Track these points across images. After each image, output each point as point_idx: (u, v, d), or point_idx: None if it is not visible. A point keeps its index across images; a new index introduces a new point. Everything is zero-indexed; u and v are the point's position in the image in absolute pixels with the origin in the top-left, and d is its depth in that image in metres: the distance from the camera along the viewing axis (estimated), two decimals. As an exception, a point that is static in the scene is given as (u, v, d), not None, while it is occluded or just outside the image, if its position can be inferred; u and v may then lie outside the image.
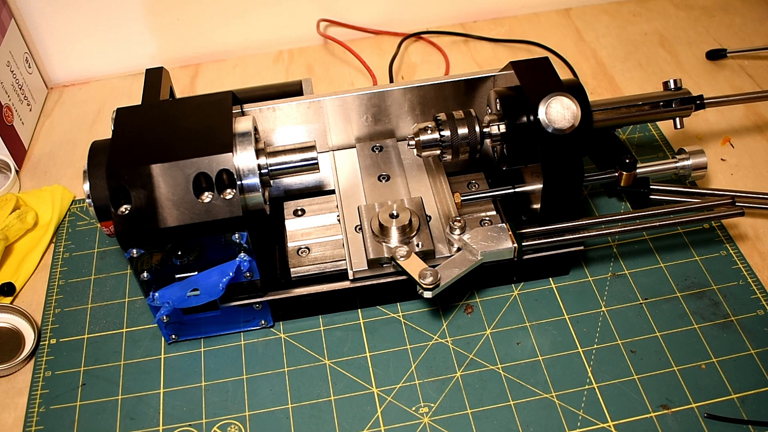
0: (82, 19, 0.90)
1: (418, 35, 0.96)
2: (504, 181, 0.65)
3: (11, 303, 0.67)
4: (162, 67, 0.67)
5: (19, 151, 0.83)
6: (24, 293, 0.69)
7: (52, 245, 0.73)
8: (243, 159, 0.56)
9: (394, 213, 0.61)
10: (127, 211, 0.53)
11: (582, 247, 0.63)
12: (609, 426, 0.55)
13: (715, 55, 0.88)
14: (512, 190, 0.64)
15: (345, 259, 0.62)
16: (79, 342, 0.64)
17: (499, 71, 0.65)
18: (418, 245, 0.60)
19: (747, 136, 0.79)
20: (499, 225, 0.61)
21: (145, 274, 0.56)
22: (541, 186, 0.58)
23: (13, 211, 0.73)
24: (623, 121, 0.67)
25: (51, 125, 0.89)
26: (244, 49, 0.97)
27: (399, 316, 0.64)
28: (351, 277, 0.60)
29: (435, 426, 0.56)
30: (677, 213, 0.62)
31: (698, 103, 0.67)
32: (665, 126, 0.79)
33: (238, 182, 0.55)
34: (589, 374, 0.59)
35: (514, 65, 0.60)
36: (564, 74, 0.78)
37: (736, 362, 0.59)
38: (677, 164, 0.67)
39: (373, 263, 0.60)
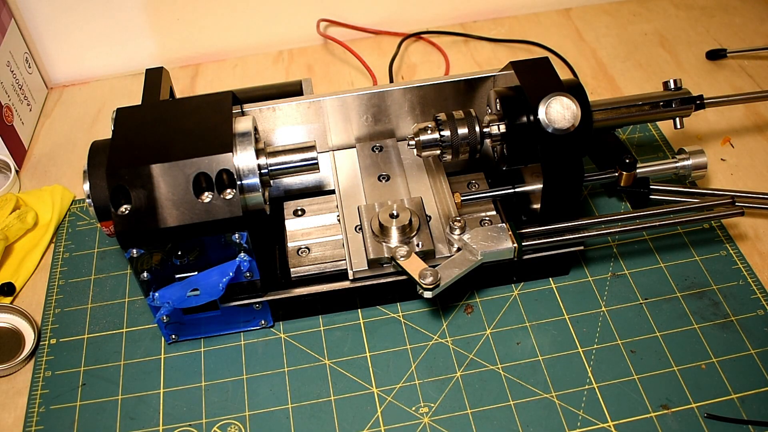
0: (82, 19, 0.90)
1: (418, 35, 0.96)
2: (504, 181, 0.65)
3: (11, 303, 0.67)
4: (162, 67, 0.67)
5: (19, 151, 0.83)
6: (24, 293, 0.69)
7: (52, 245, 0.73)
8: (243, 159, 0.56)
9: (394, 213, 0.61)
10: (127, 211, 0.53)
11: (582, 247, 0.63)
12: (609, 426, 0.55)
13: (715, 55, 0.88)
14: (512, 190, 0.64)
15: (345, 259, 0.61)
16: (79, 342, 0.64)
17: (499, 71, 0.65)
18: (418, 245, 0.60)
19: (747, 136, 0.79)
20: (499, 225, 0.61)
21: (145, 274, 0.56)
22: (541, 186, 0.58)
23: (13, 211, 0.73)
24: (623, 121, 0.67)
25: (51, 125, 0.89)
26: (244, 49, 0.96)
27: (399, 316, 0.64)
28: (351, 277, 0.60)
29: (435, 426, 0.56)
30: (677, 213, 0.62)
31: (698, 103, 0.67)
32: (665, 126, 0.79)
33: (238, 182, 0.55)
34: (589, 374, 0.59)
35: (514, 65, 0.60)
36: (564, 74, 0.78)
37: (736, 362, 0.59)
38: (677, 164, 0.67)
39: (373, 263, 0.60)
